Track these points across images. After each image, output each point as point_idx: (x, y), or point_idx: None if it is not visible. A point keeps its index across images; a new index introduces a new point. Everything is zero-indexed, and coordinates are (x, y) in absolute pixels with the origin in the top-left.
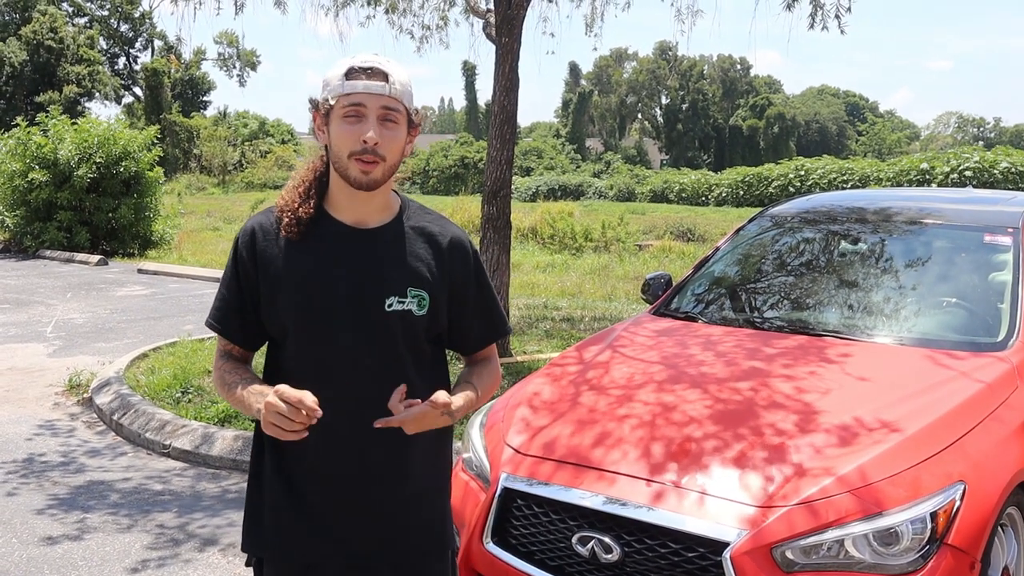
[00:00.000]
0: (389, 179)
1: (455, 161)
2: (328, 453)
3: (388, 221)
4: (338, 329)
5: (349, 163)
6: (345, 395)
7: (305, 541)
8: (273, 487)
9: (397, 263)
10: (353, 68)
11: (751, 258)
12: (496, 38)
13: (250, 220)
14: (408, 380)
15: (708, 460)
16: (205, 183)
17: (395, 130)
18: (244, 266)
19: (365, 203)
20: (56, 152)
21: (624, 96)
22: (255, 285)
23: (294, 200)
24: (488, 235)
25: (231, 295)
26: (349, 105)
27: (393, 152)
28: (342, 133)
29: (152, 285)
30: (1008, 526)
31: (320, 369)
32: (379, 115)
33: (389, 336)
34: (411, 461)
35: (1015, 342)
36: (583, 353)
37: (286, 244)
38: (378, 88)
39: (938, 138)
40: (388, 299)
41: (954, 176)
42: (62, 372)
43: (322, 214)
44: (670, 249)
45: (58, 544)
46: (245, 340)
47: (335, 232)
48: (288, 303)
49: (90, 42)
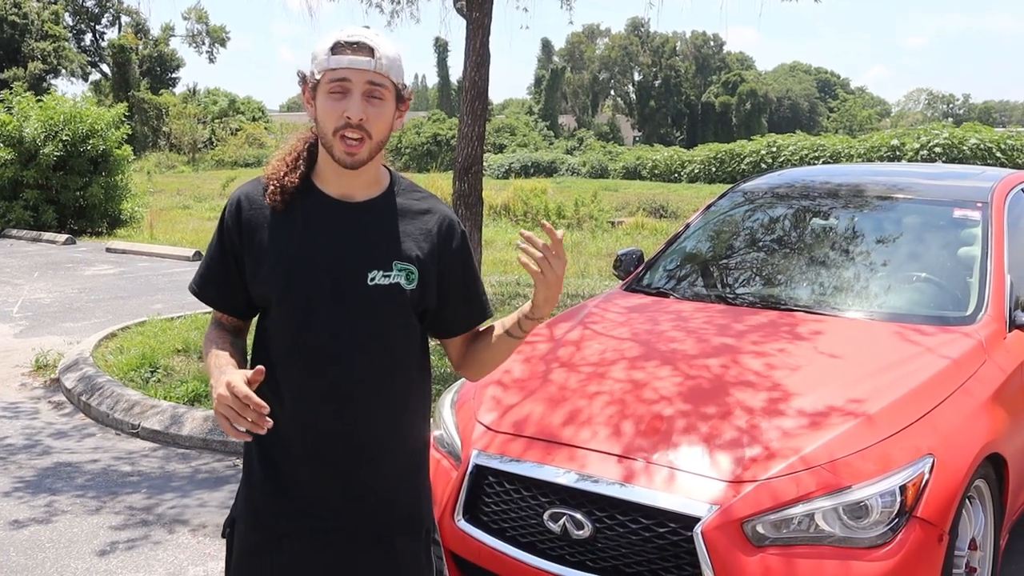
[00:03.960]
0: (376, 156)
1: (427, 138)
2: (309, 428)
3: (376, 195)
4: (318, 302)
5: (334, 140)
6: (324, 370)
7: (280, 511)
8: (253, 458)
9: (383, 237)
10: (339, 42)
11: (722, 233)
12: (467, 12)
13: (238, 189)
14: (394, 355)
15: (679, 437)
16: (175, 161)
17: (381, 106)
18: (229, 234)
19: (353, 177)
20: (21, 130)
21: (597, 73)
22: (240, 254)
23: (280, 169)
24: (460, 212)
25: (214, 262)
26: (334, 80)
27: (379, 129)
28: (327, 109)
29: (121, 264)
30: (976, 498)
31: (300, 342)
32: (364, 91)
33: (371, 311)
34: (391, 438)
35: (983, 316)
36: (554, 330)
37: (271, 214)
38: (363, 63)
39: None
40: (371, 273)
41: (924, 152)
42: (28, 352)
43: (310, 186)
44: (643, 225)
45: (25, 527)
46: (227, 306)
47: (320, 204)
48: (270, 274)
49: (55, 18)
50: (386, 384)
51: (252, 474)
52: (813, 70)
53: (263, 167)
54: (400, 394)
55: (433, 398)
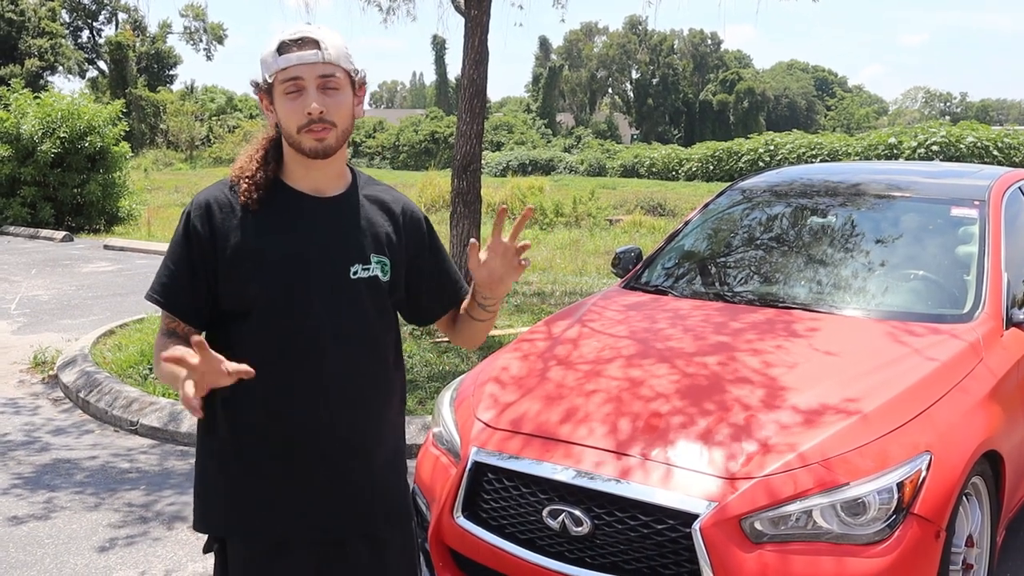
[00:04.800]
0: (343, 145)
1: (425, 136)
2: (294, 428)
3: (344, 190)
4: (304, 299)
5: (301, 137)
6: (312, 367)
7: (273, 518)
8: (234, 464)
9: (359, 231)
10: (284, 42)
11: (721, 231)
12: (465, 10)
13: (201, 193)
14: (377, 347)
15: (677, 434)
16: (172, 158)
17: (337, 96)
18: (199, 240)
19: (322, 171)
20: (19, 127)
21: (594, 71)
22: (211, 261)
23: (251, 166)
24: (458, 209)
25: (180, 268)
26: (287, 80)
27: (342, 117)
28: (287, 110)
29: (118, 261)
30: (973, 495)
31: (286, 342)
32: (318, 84)
33: (357, 304)
34: (377, 431)
35: (980, 314)
36: (552, 328)
37: (243, 215)
38: (311, 57)
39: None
40: (353, 267)
41: (921, 151)
42: (27, 349)
43: (279, 184)
44: (641, 224)
45: (24, 523)
46: (191, 315)
47: (294, 201)
48: (251, 276)
49: (52, 14)
50: (368, 377)
51: (235, 484)
52: (811, 68)
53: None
54: (382, 387)
55: (433, 395)
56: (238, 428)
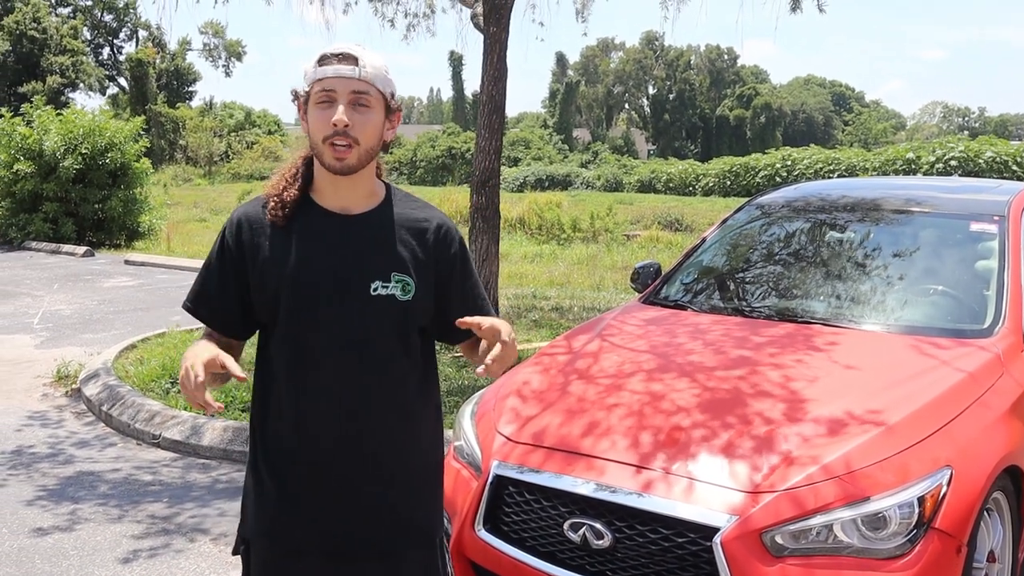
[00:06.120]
0: (367, 164)
1: (442, 151)
2: (314, 441)
3: (373, 207)
4: (324, 314)
5: (324, 148)
6: (331, 381)
7: (290, 527)
8: (262, 473)
9: (381, 248)
10: (325, 54)
11: (739, 247)
12: (484, 27)
13: (237, 209)
14: (398, 368)
15: (697, 448)
16: (191, 174)
17: (367, 114)
18: (230, 254)
19: (350, 190)
20: (41, 143)
21: (611, 86)
22: (243, 273)
23: (280, 185)
24: (477, 225)
25: (211, 280)
26: (321, 91)
27: (367, 136)
28: (315, 119)
29: (139, 276)
30: (994, 510)
31: (307, 355)
32: (350, 99)
33: (375, 321)
34: (395, 451)
35: (1000, 329)
36: (572, 342)
37: (272, 231)
38: (348, 71)
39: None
40: (373, 283)
41: (939, 166)
42: (50, 363)
43: (308, 201)
44: (658, 239)
45: (49, 535)
46: (219, 325)
47: (320, 219)
48: (276, 289)
49: (74, 32)
50: (390, 393)
51: (263, 491)
52: (828, 83)
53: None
54: (406, 403)
55: (452, 409)
56: (267, 435)
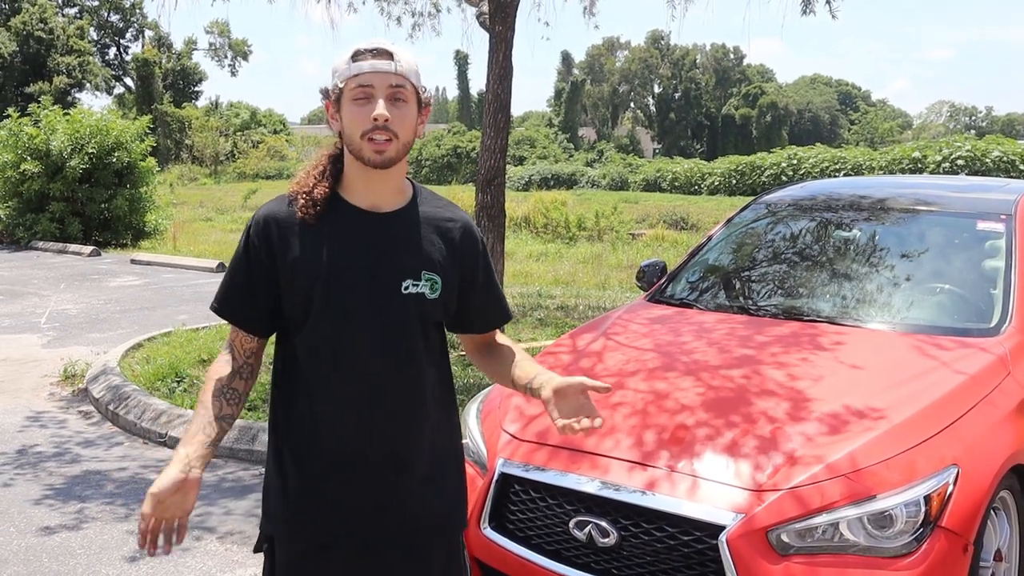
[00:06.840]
0: (404, 157)
1: (448, 151)
2: (342, 436)
3: (402, 206)
4: (355, 312)
5: (363, 143)
6: (361, 379)
7: (316, 521)
8: (286, 468)
9: (412, 247)
10: (360, 50)
11: (745, 245)
12: (490, 26)
13: (261, 209)
14: (420, 364)
15: (703, 446)
16: (197, 173)
17: (404, 108)
18: (257, 254)
19: (380, 186)
20: (48, 143)
21: (616, 85)
22: (271, 273)
23: (309, 182)
24: (483, 223)
25: (239, 280)
26: (358, 87)
27: (405, 130)
28: (353, 115)
29: (145, 275)
30: (1001, 509)
31: (337, 353)
32: (388, 94)
33: (405, 319)
34: (418, 446)
35: (1007, 328)
36: (577, 341)
37: (301, 229)
38: (384, 66)
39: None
40: (404, 282)
41: (946, 165)
42: (56, 363)
43: (337, 199)
44: (663, 238)
45: (56, 534)
46: (246, 324)
47: (350, 216)
48: (309, 287)
49: (80, 32)
50: (416, 387)
51: (288, 486)
52: (834, 82)
53: (289, 180)
54: (430, 396)
55: (459, 406)
56: (291, 431)
